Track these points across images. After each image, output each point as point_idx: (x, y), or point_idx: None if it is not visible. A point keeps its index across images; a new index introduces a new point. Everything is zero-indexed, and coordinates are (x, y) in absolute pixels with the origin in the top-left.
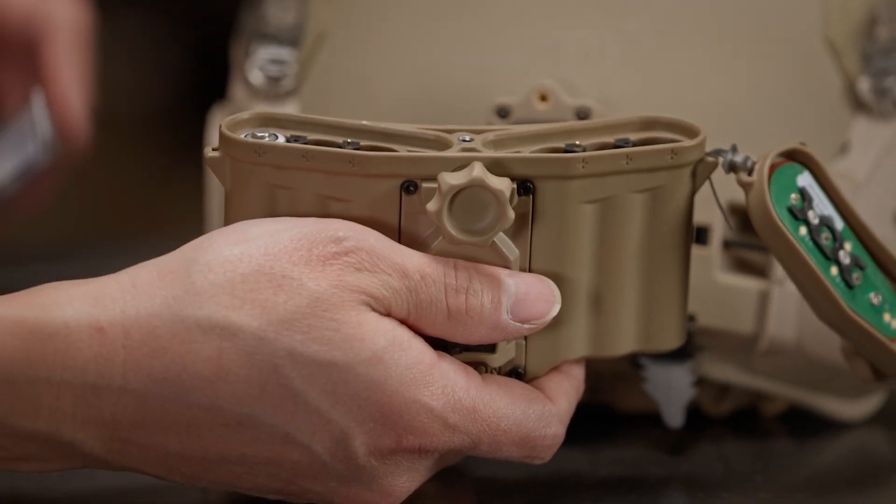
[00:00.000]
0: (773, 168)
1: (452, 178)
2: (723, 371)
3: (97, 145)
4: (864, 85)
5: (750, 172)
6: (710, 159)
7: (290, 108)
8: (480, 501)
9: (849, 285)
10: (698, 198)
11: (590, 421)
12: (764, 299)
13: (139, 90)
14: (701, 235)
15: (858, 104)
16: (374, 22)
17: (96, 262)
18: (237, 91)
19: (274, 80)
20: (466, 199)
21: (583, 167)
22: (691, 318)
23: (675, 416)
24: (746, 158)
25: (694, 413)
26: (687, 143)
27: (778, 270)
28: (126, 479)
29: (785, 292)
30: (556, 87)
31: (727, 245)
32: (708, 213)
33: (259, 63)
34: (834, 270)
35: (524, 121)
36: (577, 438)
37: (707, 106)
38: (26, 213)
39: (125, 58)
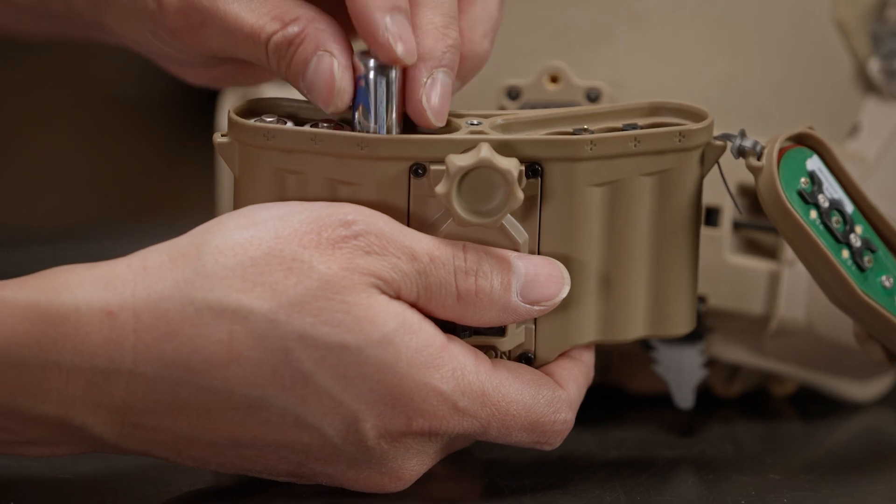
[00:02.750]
0: (781, 152)
1: (460, 160)
2: (733, 352)
3: (108, 127)
4: (874, 66)
5: (759, 157)
6: (718, 143)
7: None
8: (490, 483)
9: (860, 268)
10: (708, 179)
11: (600, 402)
12: (774, 280)
13: (150, 71)
14: (711, 216)
15: (868, 86)
16: None
17: (108, 244)
18: None
19: None
20: (475, 181)
21: (591, 149)
22: (702, 300)
23: (685, 398)
24: (755, 143)
25: (704, 394)
26: (695, 126)
27: (788, 252)
28: (137, 460)
29: (795, 273)
30: (566, 68)
31: (737, 226)
32: (718, 194)
33: None
34: (845, 254)
35: (534, 102)
36: (587, 420)
37: (717, 87)
38: None
39: None
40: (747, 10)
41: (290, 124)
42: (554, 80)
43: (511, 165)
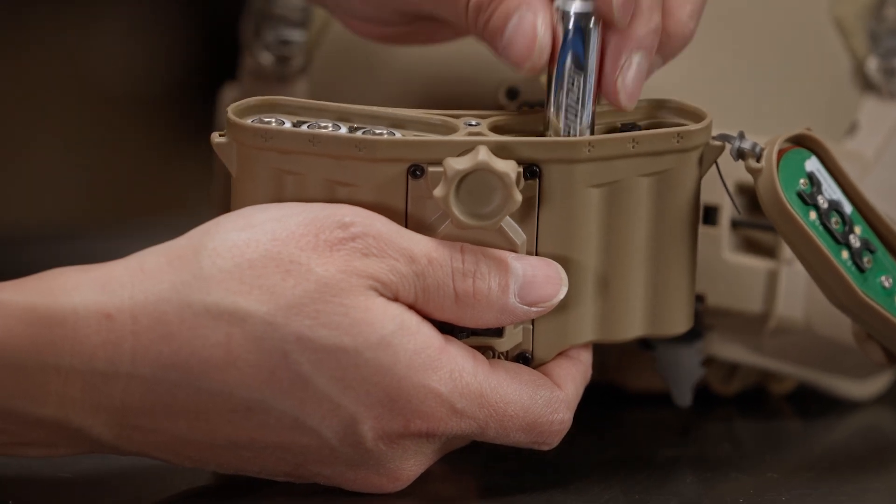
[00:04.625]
0: (780, 154)
1: (458, 163)
2: (731, 350)
3: (105, 126)
4: (873, 65)
5: (758, 159)
6: (717, 143)
7: (298, 89)
8: (488, 482)
9: (860, 269)
10: (707, 177)
11: (598, 401)
12: (773, 279)
13: (149, 70)
14: (710, 215)
15: (867, 84)
16: None
17: (105, 244)
18: (246, 71)
19: (283, 61)
20: (473, 184)
21: (589, 151)
22: (700, 298)
23: (683, 396)
24: (754, 145)
25: (702, 392)
26: (693, 126)
27: (786, 250)
28: (137, 459)
29: (793, 272)
30: None
31: (735, 225)
32: (717, 192)
33: (268, 43)
34: (845, 254)
35: (533, 101)
36: (586, 418)
37: (715, 85)
38: None
39: (135, 38)
40: (745, 9)
41: (288, 125)
42: None
43: (509, 168)
